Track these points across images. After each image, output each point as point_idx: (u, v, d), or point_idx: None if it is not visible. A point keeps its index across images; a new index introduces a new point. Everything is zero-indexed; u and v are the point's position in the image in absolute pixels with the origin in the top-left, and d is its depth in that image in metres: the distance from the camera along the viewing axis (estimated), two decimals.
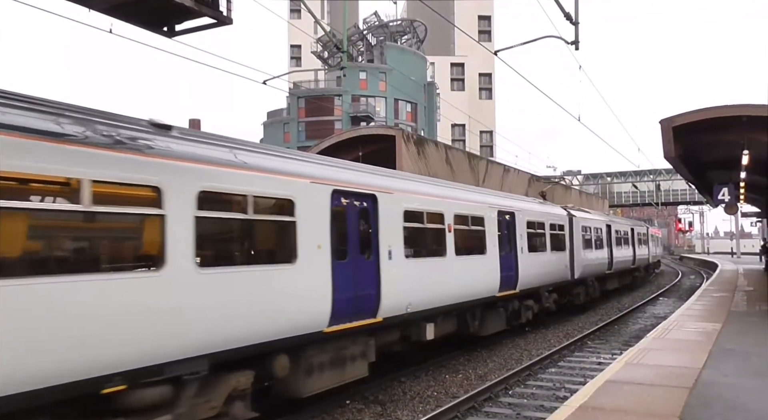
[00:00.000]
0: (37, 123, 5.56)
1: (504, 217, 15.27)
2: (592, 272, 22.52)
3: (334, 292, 8.68)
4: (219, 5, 7.85)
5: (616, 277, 27.59)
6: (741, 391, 7.63)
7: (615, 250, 26.23)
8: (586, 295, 22.12)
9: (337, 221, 9.11)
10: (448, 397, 10.53)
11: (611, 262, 25.45)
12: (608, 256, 25.17)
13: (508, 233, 15.45)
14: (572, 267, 20.26)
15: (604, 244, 24.74)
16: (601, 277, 24.32)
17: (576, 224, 20.98)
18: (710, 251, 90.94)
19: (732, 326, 13.26)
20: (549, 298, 18.10)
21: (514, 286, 15.33)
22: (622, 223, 29.76)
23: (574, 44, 13.42)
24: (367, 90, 65.42)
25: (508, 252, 15.19)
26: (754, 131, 17.34)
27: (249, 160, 7.71)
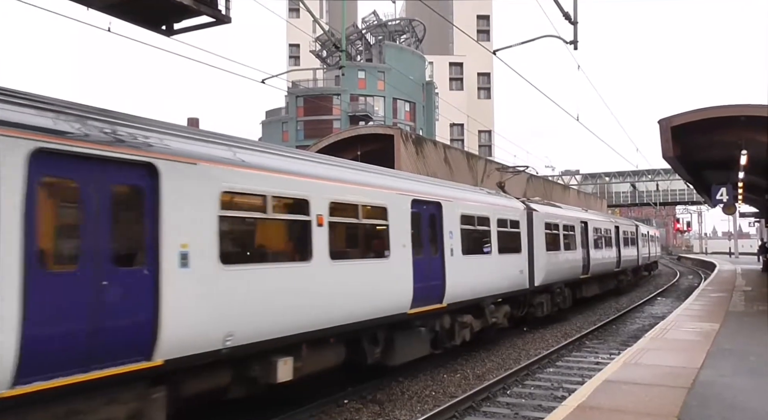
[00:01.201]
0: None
1: (423, 209, 11.70)
2: (560, 278, 19.01)
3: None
4: (218, 4, 7.83)
5: (596, 282, 24.25)
6: (739, 391, 7.63)
7: (593, 252, 23.07)
8: (552, 306, 18.48)
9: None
10: (446, 396, 10.52)
11: (587, 266, 22.09)
12: (584, 259, 21.85)
13: (431, 230, 12.02)
14: (531, 272, 16.66)
15: (578, 244, 21.32)
16: (574, 283, 21.20)
17: (537, 220, 17.41)
18: (708, 251, 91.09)
19: (730, 326, 13.27)
20: (498, 312, 14.80)
21: (439, 298, 11.87)
22: (603, 221, 26.32)
23: (573, 44, 13.42)
24: (366, 89, 65.39)
25: (430, 255, 11.81)
26: (753, 131, 17.36)
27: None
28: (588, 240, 22.57)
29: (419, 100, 70.45)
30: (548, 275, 17.69)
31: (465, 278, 12.81)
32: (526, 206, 17.21)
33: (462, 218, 12.98)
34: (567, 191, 51.39)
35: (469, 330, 13.22)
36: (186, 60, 21.20)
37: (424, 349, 11.81)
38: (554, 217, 19.21)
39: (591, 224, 23.28)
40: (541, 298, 17.63)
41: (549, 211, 19.09)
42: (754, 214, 48.10)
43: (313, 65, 73.95)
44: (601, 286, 25.21)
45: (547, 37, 14.11)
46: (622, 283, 29.85)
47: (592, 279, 23.24)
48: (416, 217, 11.38)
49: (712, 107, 17.66)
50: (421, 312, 11.24)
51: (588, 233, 22.66)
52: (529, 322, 17.73)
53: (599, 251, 24.22)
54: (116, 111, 6.73)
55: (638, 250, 33.07)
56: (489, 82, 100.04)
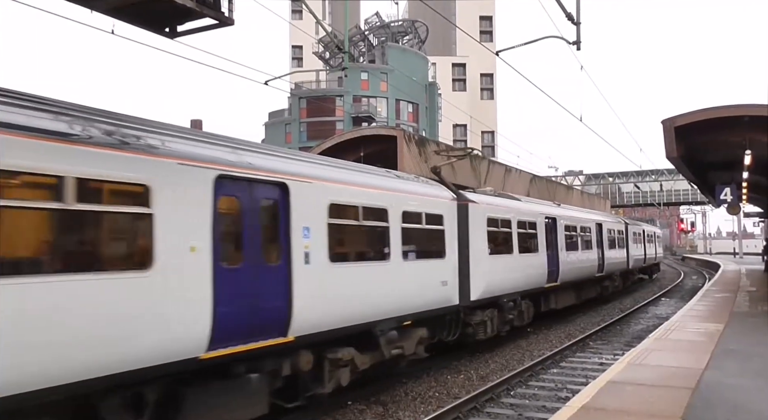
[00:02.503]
0: None
1: (244, 193, 7.70)
2: (513, 288, 15.20)
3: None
4: (221, 6, 7.85)
5: (570, 291, 20.58)
6: (743, 392, 7.62)
7: (566, 254, 19.22)
8: (501, 324, 14.74)
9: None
10: (449, 397, 10.52)
11: (556, 272, 18.34)
12: (551, 263, 17.95)
13: (267, 226, 8.13)
14: (465, 283, 12.87)
15: (541, 245, 17.41)
16: (538, 294, 17.33)
17: (475, 215, 13.55)
18: (712, 251, 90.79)
19: (734, 327, 13.24)
20: (406, 340, 10.96)
21: (280, 329, 7.95)
22: (579, 217, 22.23)
23: (576, 44, 13.40)
24: (369, 90, 65.47)
25: (261, 262, 7.83)
26: (756, 131, 17.32)
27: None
28: (557, 240, 18.71)
29: (422, 101, 70.47)
30: (492, 286, 13.89)
31: (336, 296, 9.05)
32: (456, 196, 13.26)
33: (332, 209, 9.10)
34: (570, 192, 51.33)
35: (348, 369, 9.41)
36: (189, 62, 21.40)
37: (257, 407, 7.76)
38: (503, 211, 15.16)
39: (561, 221, 19.36)
40: (484, 316, 13.59)
41: (494, 203, 15.09)
42: (758, 214, 47.93)
43: (315, 67, 74.09)
44: (578, 295, 21.65)
45: (550, 37, 14.10)
46: (607, 291, 25.47)
47: (564, 287, 19.45)
48: (228, 205, 7.48)
49: (715, 107, 17.64)
50: (234, 353, 7.22)
51: (557, 232, 18.80)
52: (467, 346, 14.08)
53: (574, 254, 20.45)
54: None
55: (628, 252, 28.91)
56: (492, 82, 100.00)
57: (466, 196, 13.67)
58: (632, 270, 30.86)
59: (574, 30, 13.26)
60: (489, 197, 15.44)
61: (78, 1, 7.16)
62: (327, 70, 68.23)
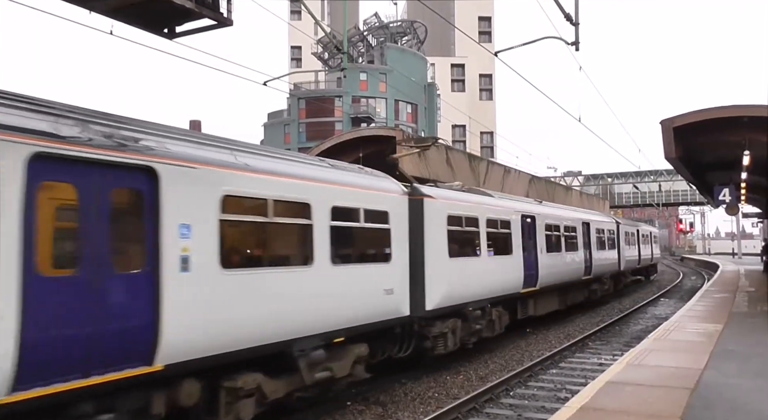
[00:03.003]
0: None
1: (82, 181, 5.90)
2: (482, 294, 13.46)
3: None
4: (219, 7, 7.86)
5: (553, 296, 18.82)
6: (743, 392, 7.62)
7: (545, 257, 17.51)
8: (467, 335, 12.95)
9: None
10: (449, 398, 10.52)
11: (535, 275, 16.66)
12: (528, 266, 16.29)
13: (114, 225, 6.17)
14: (419, 290, 11.15)
15: (517, 246, 15.72)
16: (513, 300, 15.61)
17: (433, 212, 11.76)
18: (711, 252, 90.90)
19: (733, 327, 13.24)
20: (338, 360, 9.15)
21: (145, 357, 6.18)
22: (562, 215, 20.27)
23: (575, 45, 13.43)
24: (368, 91, 65.52)
25: (99, 269, 5.92)
26: (755, 132, 17.35)
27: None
28: (537, 241, 17.10)
29: (421, 102, 70.53)
30: (454, 293, 12.23)
31: (232, 311, 7.16)
32: (408, 190, 11.55)
33: (228, 202, 7.21)
34: (569, 192, 51.37)
35: (254, 400, 7.62)
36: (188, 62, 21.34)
37: None
38: (467, 208, 13.41)
39: (542, 219, 17.74)
40: (443, 327, 11.88)
41: (457, 199, 13.18)
42: (757, 215, 48.03)
43: (314, 67, 74.16)
44: (563, 300, 19.92)
45: (548, 38, 14.13)
46: (596, 294, 23.69)
47: (545, 292, 17.81)
48: (54, 193, 5.84)
49: (714, 108, 17.68)
50: (60, 392, 5.48)
51: (537, 231, 17.20)
52: (424, 360, 12.37)
53: (557, 256, 18.72)
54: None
55: (620, 253, 27.34)
56: (491, 83, 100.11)
57: (420, 191, 11.80)
58: (624, 272, 28.77)
59: (572, 31, 13.30)
60: (450, 192, 13.37)
61: (77, 2, 7.16)
62: (326, 71, 68.29)
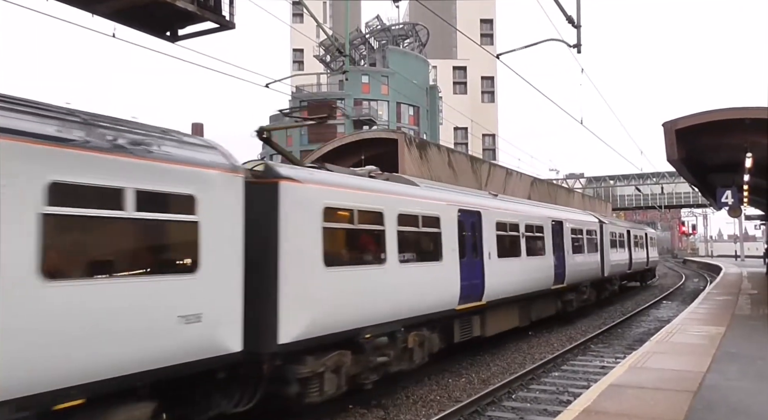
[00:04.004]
0: None
1: None
2: (376, 316, 9.81)
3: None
4: (222, 10, 7.88)
5: (510, 310, 15.57)
6: (745, 395, 7.60)
7: (499, 263, 14.39)
8: (367, 371, 9.82)
9: None
10: (451, 401, 10.50)
11: (480, 286, 13.52)
12: (468, 275, 12.94)
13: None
14: (264, 318, 7.84)
15: (448, 249, 12.22)
16: (447, 320, 12.42)
17: (294, 202, 8.40)
18: (714, 254, 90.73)
19: (736, 330, 13.22)
20: None
21: None
22: (528, 213, 17.10)
23: (577, 47, 13.42)
24: (370, 94, 65.59)
25: None
26: (757, 134, 17.32)
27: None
28: (482, 243, 13.84)
29: (423, 104, 70.57)
30: (336, 316, 8.89)
31: None
32: (252, 169, 8.43)
33: None
34: (571, 194, 51.35)
35: None
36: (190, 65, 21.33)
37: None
38: (361, 199, 9.73)
39: (490, 216, 14.34)
40: (319, 365, 8.55)
41: (339, 184, 9.42)
42: (759, 217, 47.90)
43: (316, 70, 74.21)
44: (524, 314, 16.61)
45: (550, 40, 14.13)
46: (571, 306, 20.16)
47: (496, 307, 14.38)
48: None
49: (716, 110, 17.64)
50: None
51: (483, 230, 13.91)
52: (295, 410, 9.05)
53: (512, 262, 15.36)
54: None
55: (603, 257, 23.94)
56: (493, 85, 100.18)
57: (276, 171, 8.30)
58: (610, 278, 25.43)
59: (574, 33, 13.29)
60: (329, 175, 9.54)
61: (80, 5, 7.19)
62: (328, 74, 68.33)
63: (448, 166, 28.30)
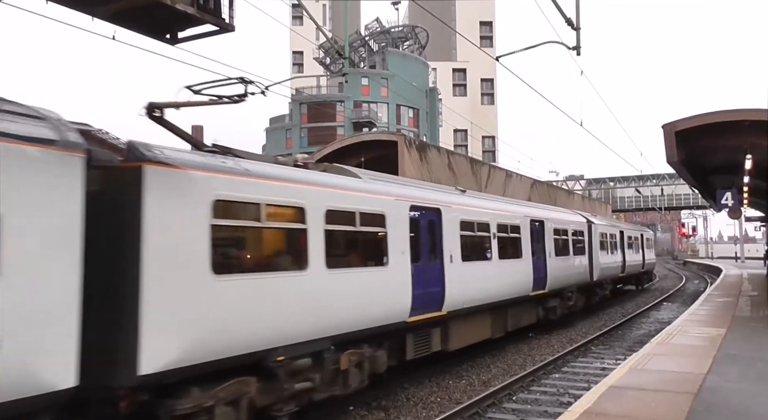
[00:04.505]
0: None
1: None
2: (296, 334, 8.11)
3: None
4: (221, 13, 7.88)
5: (480, 321, 13.96)
6: (746, 397, 7.60)
7: (460, 268, 12.57)
8: (282, 402, 8.08)
9: None
10: (451, 403, 10.49)
11: (439, 295, 11.86)
12: (421, 283, 11.15)
13: None
14: (123, 341, 6.17)
15: (392, 252, 10.41)
16: (396, 334, 10.74)
17: (166, 193, 6.66)
18: (714, 256, 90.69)
19: (736, 331, 13.22)
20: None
21: None
22: (496, 211, 15.04)
23: (576, 49, 13.43)
24: (369, 96, 65.61)
25: None
26: (757, 136, 17.33)
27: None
28: (443, 245, 12.15)
29: (423, 107, 70.59)
30: (229, 335, 7.19)
31: None
32: (103, 154, 6.55)
33: None
34: (571, 196, 51.36)
35: None
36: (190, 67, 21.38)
37: None
38: (268, 191, 7.95)
39: (451, 214, 12.56)
40: (207, 398, 6.90)
41: (234, 172, 7.59)
42: (759, 218, 47.91)
43: (316, 72, 74.27)
44: (498, 324, 14.94)
45: (549, 43, 14.14)
46: (554, 313, 18.50)
47: (460, 317, 12.69)
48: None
49: (716, 112, 17.66)
50: None
51: (444, 230, 12.19)
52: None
53: (482, 266, 13.81)
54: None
55: (593, 259, 22.41)
56: (492, 87, 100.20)
57: (139, 152, 6.62)
58: (600, 282, 23.92)
59: (574, 35, 13.30)
60: (228, 162, 7.64)
61: (79, 8, 7.20)
62: (327, 76, 68.42)
63: (448, 168, 28.31)
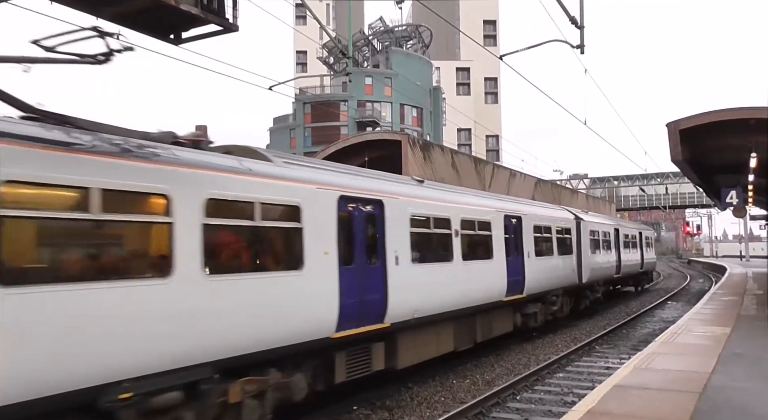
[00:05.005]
0: None
1: None
2: (154, 361, 6.26)
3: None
4: (225, 13, 7.89)
5: (448, 328, 12.36)
6: (751, 396, 7.57)
7: (409, 270, 10.79)
8: None
9: None
10: (455, 402, 10.50)
11: (379, 305, 10.04)
12: (353, 290, 9.37)
13: None
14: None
15: (309, 254, 8.52)
16: (318, 354, 8.87)
17: None
18: (719, 254, 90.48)
19: (741, 330, 13.17)
20: None
21: None
22: (460, 205, 13.10)
23: (580, 48, 13.39)
24: (373, 95, 65.61)
25: None
26: (762, 134, 17.28)
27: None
28: (383, 243, 10.17)
29: (426, 106, 70.55)
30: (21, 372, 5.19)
31: None
32: None
33: None
34: (575, 195, 51.27)
35: None
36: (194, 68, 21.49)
37: None
38: (83, 168, 5.86)
39: (397, 208, 10.62)
40: None
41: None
42: (764, 217, 47.74)
43: (320, 72, 74.29)
44: (464, 335, 13.00)
45: (553, 41, 14.11)
46: (533, 320, 16.44)
47: (410, 329, 10.83)
48: None
49: (720, 110, 17.60)
50: None
51: (384, 228, 10.22)
52: None
53: (437, 268, 11.84)
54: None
55: (581, 260, 20.55)
56: (496, 86, 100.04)
57: None
58: (591, 284, 21.83)
59: (577, 34, 13.27)
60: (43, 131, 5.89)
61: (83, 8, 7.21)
62: (331, 75, 68.44)
63: (452, 167, 28.30)
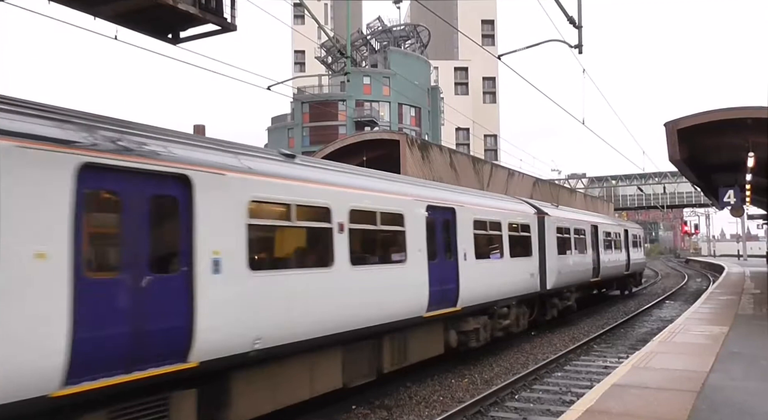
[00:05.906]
0: None
1: None
2: None
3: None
4: (223, 12, 7.89)
5: (335, 356, 9.19)
6: (749, 395, 7.59)
7: (263, 282, 7.51)
8: None
9: None
10: (454, 401, 10.50)
11: (183, 335, 6.41)
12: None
13: None
14: None
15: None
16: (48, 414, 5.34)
17: None
18: (716, 254, 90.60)
19: (739, 329, 13.20)
20: None
21: None
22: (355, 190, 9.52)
23: (578, 48, 13.42)
24: (371, 95, 65.63)
25: None
26: (759, 134, 17.32)
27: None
28: (190, 244, 6.67)
29: (424, 105, 70.57)
30: None
31: None
32: None
33: None
34: (573, 195, 51.31)
35: None
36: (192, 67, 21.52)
37: None
38: None
39: (214, 192, 6.98)
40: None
41: None
42: (762, 216, 47.85)
43: (318, 71, 74.25)
44: (365, 365, 9.99)
45: (551, 41, 14.13)
46: (475, 338, 13.23)
47: (260, 365, 7.65)
48: None
49: (718, 110, 17.64)
50: None
51: (194, 222, 6.70)
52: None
53: (305, 278, 8.36)
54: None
55: (545, 263, 17.29)
56: (494, 86, 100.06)
57: None
58: (559, 291, 18.55)
59: (575, 33, 13.29)
60: None
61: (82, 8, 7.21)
62: (329, 75, 68.39)
63: (450, 166, 28.30)
